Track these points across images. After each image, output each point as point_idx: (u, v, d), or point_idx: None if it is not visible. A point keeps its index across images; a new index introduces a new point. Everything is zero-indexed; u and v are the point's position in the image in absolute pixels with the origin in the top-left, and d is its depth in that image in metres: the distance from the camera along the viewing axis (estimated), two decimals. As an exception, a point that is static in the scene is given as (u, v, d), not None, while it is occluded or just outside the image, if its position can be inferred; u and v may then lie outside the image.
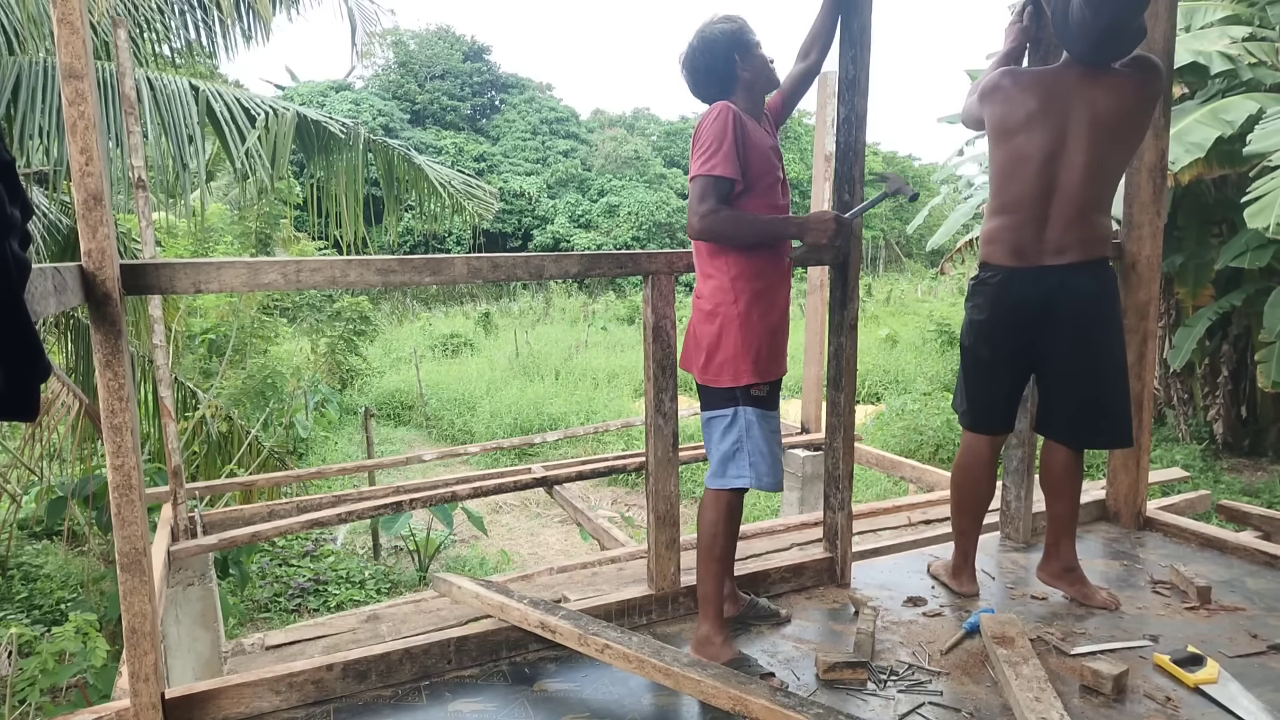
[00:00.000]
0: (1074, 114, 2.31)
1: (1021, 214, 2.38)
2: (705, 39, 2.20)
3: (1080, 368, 2.42)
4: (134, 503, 1.81)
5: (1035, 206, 2.36)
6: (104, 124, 4.20)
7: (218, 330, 8.81)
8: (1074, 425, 2.51)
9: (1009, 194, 2.40)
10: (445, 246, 25.90)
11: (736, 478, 2.20)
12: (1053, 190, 2.34)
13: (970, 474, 2.65)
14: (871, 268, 32.47)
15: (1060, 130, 2.32)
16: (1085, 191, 2.32)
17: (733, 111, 2.10)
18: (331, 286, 2.09)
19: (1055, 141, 2.32)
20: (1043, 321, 2.42)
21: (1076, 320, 2.38)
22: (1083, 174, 2.31)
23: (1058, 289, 2.37)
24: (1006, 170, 2.41)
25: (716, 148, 2.06)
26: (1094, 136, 2.29)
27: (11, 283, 1.07)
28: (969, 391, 2.61)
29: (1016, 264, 2.41)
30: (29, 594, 4.75)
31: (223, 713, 2.03)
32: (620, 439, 9.36)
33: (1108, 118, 2.29)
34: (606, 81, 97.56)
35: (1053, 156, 2.33)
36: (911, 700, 2.08)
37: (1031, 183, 2.35)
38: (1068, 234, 2.34)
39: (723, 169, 2.06)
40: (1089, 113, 2.29)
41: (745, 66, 2.20)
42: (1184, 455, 7.62)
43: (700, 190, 2.08)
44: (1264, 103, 6.29)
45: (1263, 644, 2.31)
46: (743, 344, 2.16)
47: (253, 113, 5.36)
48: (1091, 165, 2.30)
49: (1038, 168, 2.34)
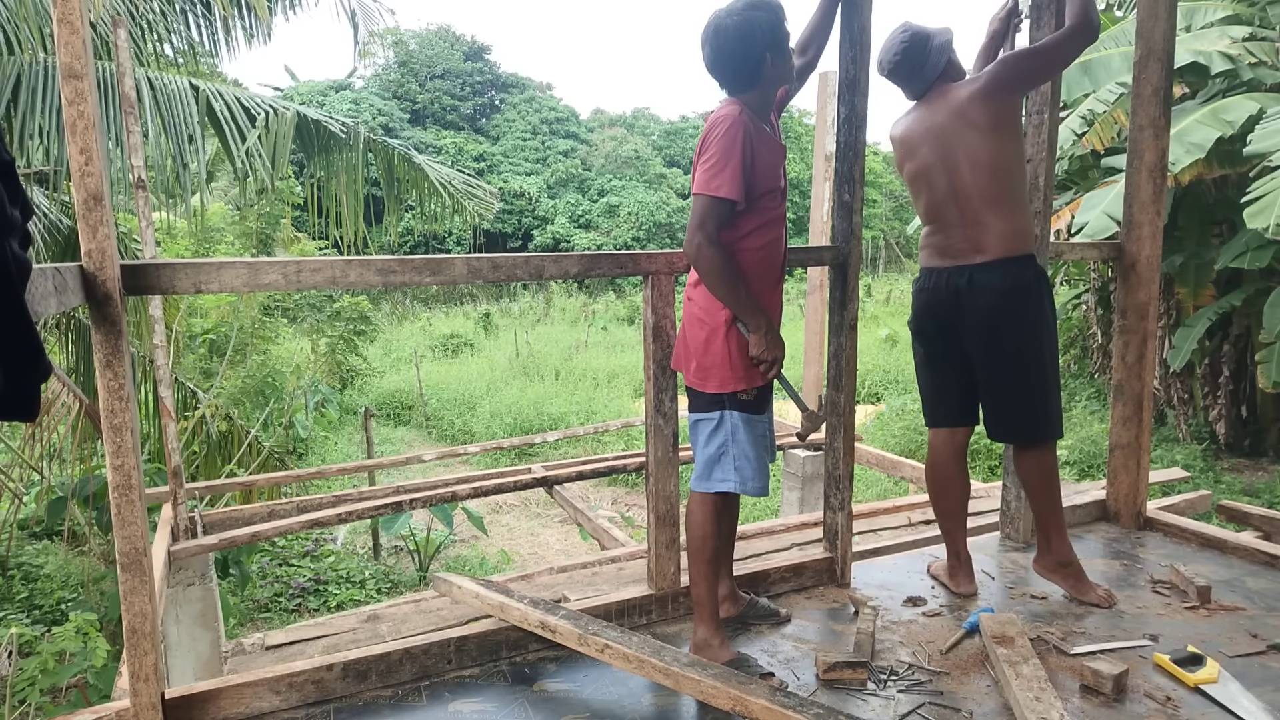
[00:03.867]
0: (929, 133, 2.54)
1: (934, 222, 2.61)
2: (743, 27, 2.07)
3: (992, 363, 2.54)
4: (134, 503, 1.81)
5: (940, 213, 2.57)
6: (104, 124, 4.21)
7: (218, 330, 8.81)
8: (993, 421, 2.62)
9: (920, 209, 2.66)
10: (445, 246, 25.90)
11: (721, 481, 2.20)
12: (949, 197, 2.53)
13: (937, 472, 2.75)
14: (871, 268, 32.46)
15: (929, 148, 2.55)
16: (974, 192, 2.47)
17: (743, 124, 2.05)
18: (332, 286, 2.09)
19: (930, 157, 2.55)
20: (957, 317, 2.56)
21: (985, 315, 2.49)
22: (968, 177, 2.47)
23: (965, 286, 2.51)
24: (912, 191, 2.68)
25: (723, 165, 2.02)
26: (948, 144, 2.49)
27: (12, 283, 1.07)
28: (920, 388, 2.80)
29: (936, 264, 2.60)
30: (29, 594, 4.75)
31: (223, 713, 2.03)
32: (620, 439, 9.37)
33: (949, 124, 2.49)
34: (606, 81, 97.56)
35: (931, 170, 2.55)
36: (911, 700, 2.08)
37: (928, 195, 2.59)
38: (970, 234, 2.50)
39: (727, 190, 2.03)
40: (934, 126, 2.53)
41: (774, 66, 2.13)
42: (1184, 455, 7.62)
43: (702, 212, 2.05)
44: (1264, 103, 6.29)
45: (1263, 644, 2.31)
46: (731, 351, 2.15)
47: (253, 112, 5.36)
48: (965, 168, 2.47)
49: (929, 182, 2.57)
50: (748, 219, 2.13)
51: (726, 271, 2.06)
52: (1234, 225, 7.01)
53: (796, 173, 27.88)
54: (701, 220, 2.05)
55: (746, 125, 2.07)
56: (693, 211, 2.09)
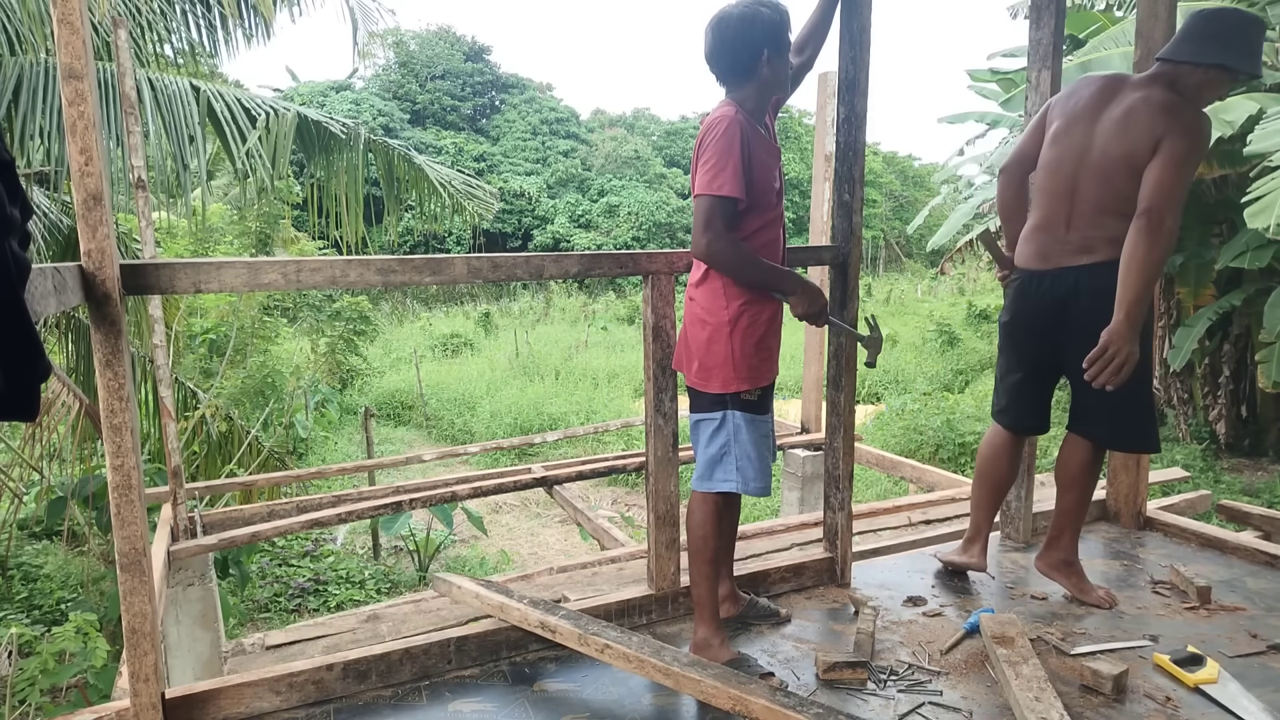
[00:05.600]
0: (1088, 128, 2.40)
1: (1044, 217, 2.50)
2: (746, 17, 2.09)
3: None
4: (134, 503, 1.81)
5: (1055, 207, 2.46)
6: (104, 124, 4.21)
7: (218, 330, 8.81)
8: (1105, 428, 2.52)
9: (1041, 196, 2.51)
10: (445, 246, 25.89)
11: (723, 481, 2.19)
12: (1071, 193, 2.42)
13: (994, 466, 2.75)
14: (871, 268, 32.47)
15: (1076, 140, 2.42)
16: (1098, 193, 2.37)
17: (740, 125, 2.06)
18: (331, 286, 2.09)
19: (1075, 149, 2.41)
20: (1059, 330, 2.48)
21: (1092, 320, 2.35)
22: (1095, 177, 2.37)
23: (1071, 290, 2.42)
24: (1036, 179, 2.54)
25: (723, 165, 2.03)
26: (1101, 145, 2.36)
27: (12, 283, 1.07)
28: (1000, 388, 2.73)
29: (1037, 268, 2.50)
30: (29, 594, 4.75)
31: (223, 713, 2.03)
32: (620, 439, 9.36)
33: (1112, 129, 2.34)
34: (606, 81, 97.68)
35: (1069, 163, 2.42)
36: (911, 700, 2.08)
37: (1053, 182, 2.46)
38: (1086, 235, 2.40)
39: (730, 188, 2.03)
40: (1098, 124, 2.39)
41: (770, 65, 2.13)
42: (1184, 455, 7.62)
43: (707, 212, 2.05)
44: (1264, 103, 6.28)
45: (1263, 644, 2.31)
46: (734, 351, 2.15)
47: (253, 113, 5.37)
48: (1100, 169, 2.35)
49: (1060, 175, 2.44)
50: (747, 219, 2.13)
51: (741, 257, 2.08)
52: (1234, 225, 7.01)
53: (796, 172, 27.88)
54: (708, 220, 2.05)
55: (743, 125, 2.07)
56: (696, 213, 2.09)
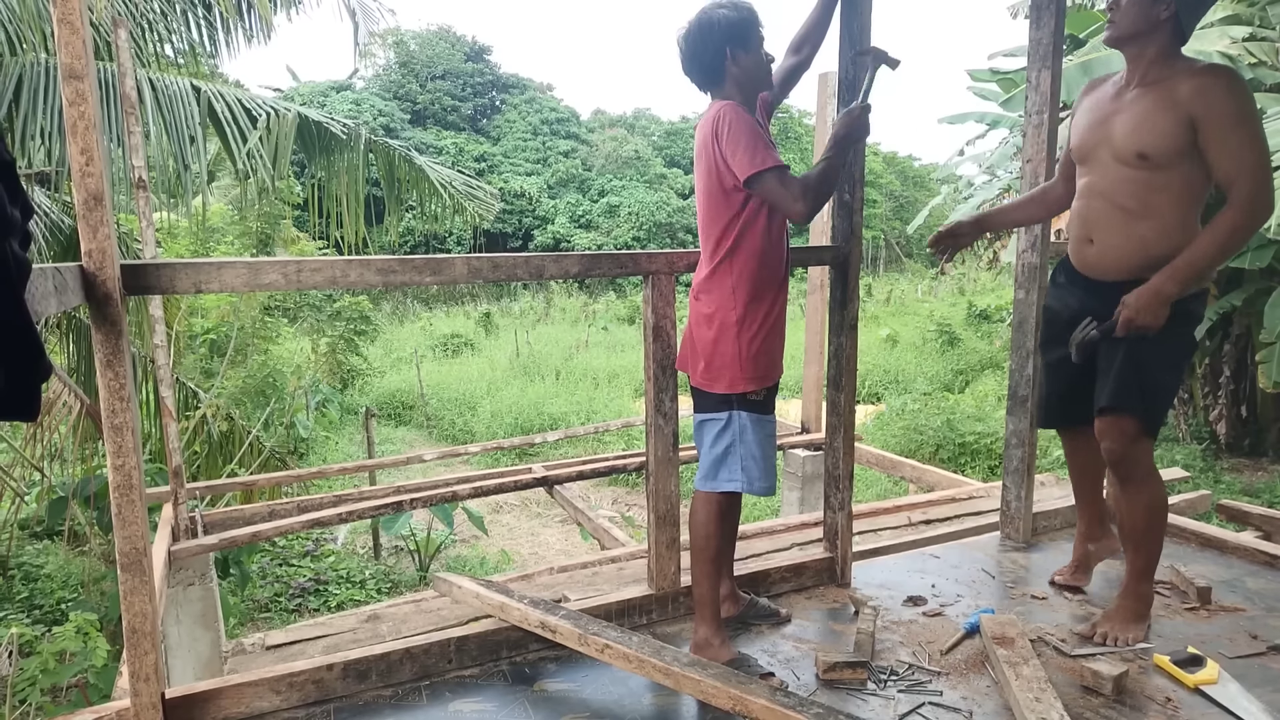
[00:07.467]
0: None
1: None
2: (702, 22, 2.12)
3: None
4: (135, 503, 1.81)
5: None
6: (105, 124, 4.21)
7: (219, 330, 8.81)
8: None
9: None
10: (446, 247, 25.89)
11: (728, 481, 2.19)
12: None
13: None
14: (871, 268, 32.44)
15: None
16: None
17: (743, 109, 2.09)
18: (332, 286, 2.09)
19: None
20: None
21: None
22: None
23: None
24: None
25: (753, 142, 2.04)
26: None
27: (12, 283, 1.07)
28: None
29: None
30: (30, 594, 4.75)
31: (223, 713, 2.03)
32: (620, 439, 9.36)
33: None
34: (606, 81, 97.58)
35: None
36: (911, 700, 2.08)
37: None
38: None
39: (774, 159, 2.05)
40: None
41: (736, 63, 2.13)
42: (1184, 455, 7.62)
43: (777, 183, 2.05)
44: (1264, 103, 6.28)
45: (1263, 644, 2.31)
46: (740, 352, 2.15)
47: (254, 113, 5.37)
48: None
49: None
50: (754, 204, 2.13)
51: (818, 178, 2.08)
52: (1234, 225, 6.99)
53: (796, 172, 27.82)
54: (784, 185, 2.05)
55: (745, 111, 2.09)
56: (770, 191, 2.06)
